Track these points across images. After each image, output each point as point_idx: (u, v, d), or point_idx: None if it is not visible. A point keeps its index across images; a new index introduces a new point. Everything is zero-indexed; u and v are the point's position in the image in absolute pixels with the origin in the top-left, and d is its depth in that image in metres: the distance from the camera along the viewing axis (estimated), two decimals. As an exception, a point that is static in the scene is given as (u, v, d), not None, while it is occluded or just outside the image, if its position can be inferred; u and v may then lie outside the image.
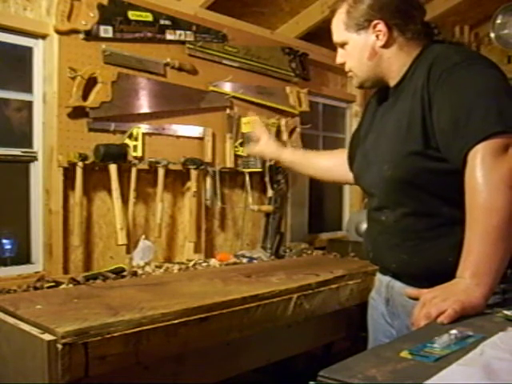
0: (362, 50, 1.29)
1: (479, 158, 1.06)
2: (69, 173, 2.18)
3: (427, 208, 1.22)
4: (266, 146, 1.74)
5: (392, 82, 1.32)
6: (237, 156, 2.80)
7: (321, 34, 3.34)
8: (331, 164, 1.66)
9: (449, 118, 1.13)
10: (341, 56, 1.37)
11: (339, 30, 1.33)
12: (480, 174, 1.05)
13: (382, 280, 1.40)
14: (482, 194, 1.05)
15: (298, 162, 1.73)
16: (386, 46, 1.27)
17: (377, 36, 1.27)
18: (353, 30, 1.29)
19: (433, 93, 1.16)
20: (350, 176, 1.50)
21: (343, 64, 1.37)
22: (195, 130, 2.66)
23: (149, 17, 2.44)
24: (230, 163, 2.77)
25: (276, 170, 2.89)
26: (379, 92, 1.41)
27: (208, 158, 2.67)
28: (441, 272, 1.09)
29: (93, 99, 2.21)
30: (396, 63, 1.29)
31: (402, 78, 1.29)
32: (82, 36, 2.21)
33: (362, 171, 1.41)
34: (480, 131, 1.07)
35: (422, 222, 1.23)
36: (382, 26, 1.26)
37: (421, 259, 1.23)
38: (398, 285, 1.32)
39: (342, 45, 1.34)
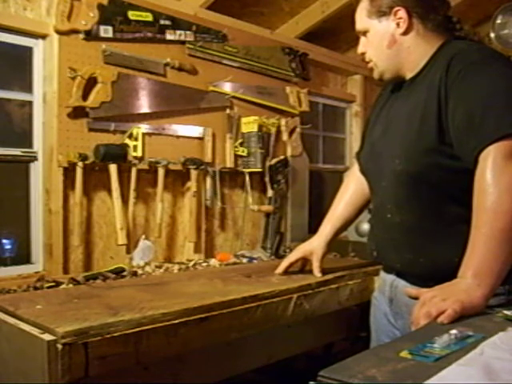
0: (383, 37, 1.29)
1: (491, 159, 1.05)
2: (69, 173, 2.18)
3: (435, 206, 1.21)
4: (319, 258, 1.66)
5: (409, 75, 1.31)
6: (237, 156, 2.80)
7: (321, 34, 3.34)
8: (356, 205, 1.60)
9: (463, 116, 1.12)
10: (362, 45, 1.36)
11: (362, 18, 1.33)
12: (490, 175, 1.05)
13: (385, 279, 1.39)
14: (491, 196, 1.04)
15: (339, 233, 1.67)
16: (405, 33, 1.27)
17: (397, 23, 1.27)
18: (375, 16, 1.29)
19: (450, 88, 1.15)
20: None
21: (364, 54, 1.36)
22: (195, 130, 2.66)
23: (149, 17, 2.44)
24: (230, 163, 2.77)
25: (276, 170, 2.89)
26: (392, 84, 1.40)
27: (208, 158, 2.67)
28: (446, 272, 1.08)
29: (93, 99, 2.21)
30: (415, 53, 1.28)
31: (420, 70, 1.28)
32: (82, 36, 2.21)
33: (369, 163, 1.40)
34: (494, 132, 1.06)
35: (429, 220, 1.22)
36: (402, 13, 1.25)
37: (426, 259, 1.22)
38: (402, 284, 1.31)
39: (364, 33, 1.34)
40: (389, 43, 1.29)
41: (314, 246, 1.64)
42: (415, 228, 1.24)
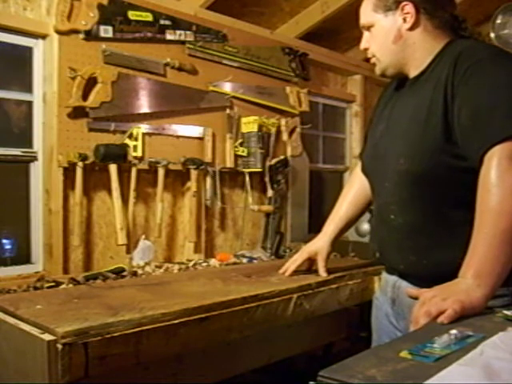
0: (388, 32, 1.27)
1: (496, 160, 1.05)
2: (69, 173, 2.18)
3: (439, 207, 1.20)
4: (325, 258, 1.66)
5: (413, 72, 1.30)
6: (237, 156, 2.80)
7: (321, 34, 3.34)
8: (359, 205, 1.60)
9: (470, 115, 1.11)
10: (366, 41, 1.34)
11: (367, 12, 1.31)
12: (495, 176, 1.04)
13: (388, 280, 1.38)
14: (494, 197, 1.03)
15: (343, 233, 1.67)
16: (412, 28, 1.26)
17: (404, 18, 1.25)
18: (381, 11, 1.27)
19: (457, 86, 1.14)
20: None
21: (367, 49, 1.35)
22: (195, 130, 2.66)
23: (149, 17, 2.44)
24: (230, 163, 2.77)
25: (276, 170, 2.89)
26: (395, 81, 1.39)
27: (208, 158, 2.67)
28: (450, 274, 1.07)
29: (93, 99, 2.21)
30: (420, 50, 1.27)
31: (425, 68, 1.26)
32: (82, 36, 2.21)
33: (371, 163, 1.39)
34: (499, 132, 1.06)
35: (433, 222, 1.21)
36: (410, 8, 1.24)
37: (430, 261, 1.21)
38: (404, 285, 1.30)
39: (369, 27, 1.32)
40: (394, 38, 1.27)
41: (319, 245, 1.65)
42: (419, 229, 1.23)
